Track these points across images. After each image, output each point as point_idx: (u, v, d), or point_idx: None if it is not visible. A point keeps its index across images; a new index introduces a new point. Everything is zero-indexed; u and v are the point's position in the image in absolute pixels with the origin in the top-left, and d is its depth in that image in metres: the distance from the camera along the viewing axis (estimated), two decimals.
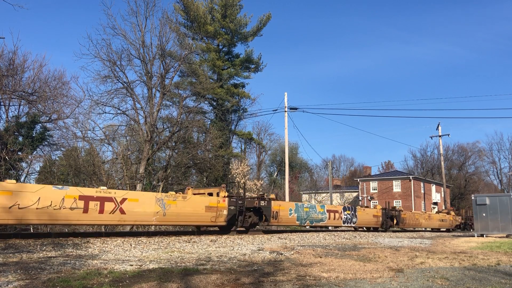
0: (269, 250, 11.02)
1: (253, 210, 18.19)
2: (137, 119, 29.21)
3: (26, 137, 23.95)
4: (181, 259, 8.70)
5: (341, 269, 7.88)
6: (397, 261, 9.41)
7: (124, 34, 28.17)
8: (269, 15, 44.15)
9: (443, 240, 19.76)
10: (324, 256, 10.14)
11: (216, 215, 16.33)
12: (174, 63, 31.05)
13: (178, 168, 32.28)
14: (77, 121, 28.16)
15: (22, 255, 8.58)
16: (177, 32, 34.10)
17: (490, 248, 13.93)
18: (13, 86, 24.16)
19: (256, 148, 54.02)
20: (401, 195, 60.01)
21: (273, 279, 6.57)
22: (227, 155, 40.24)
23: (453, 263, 9.33)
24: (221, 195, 16.97)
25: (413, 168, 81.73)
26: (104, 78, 27.25)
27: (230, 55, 45.19)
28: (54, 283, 5.63)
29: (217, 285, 6.03)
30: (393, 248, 13.04)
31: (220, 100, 41.64)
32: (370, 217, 26.66)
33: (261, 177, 51.64)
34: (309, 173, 67.61)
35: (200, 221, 16.48)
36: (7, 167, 21.51)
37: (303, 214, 20.86)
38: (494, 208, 22.81)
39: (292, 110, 35.04)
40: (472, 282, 6.93)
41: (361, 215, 25.59)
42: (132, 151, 31.80)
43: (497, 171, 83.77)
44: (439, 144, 51.01)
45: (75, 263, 7.51)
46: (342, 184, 78.83)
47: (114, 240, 12.52)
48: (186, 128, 31.79)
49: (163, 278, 6.25)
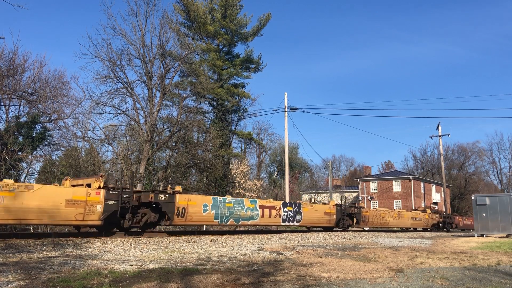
0: (269, 250, 11.02)
1: (150, 206, 15.27)
2: (137, 119, 29.23)
3: (26, 137, 23.95)
4: (181, 259, 8.70)
5: (341, 269, 7.88)
6: (397, 261, 9.41)
7: (124, 34, 28.20)
8: (269, 15, 44.16)
9: (443, 240, 19.77)
10: (324, 256, 10.13)
11: (85, 211, 12.99)
12: (174, 63, 31.09)
13: (178, 168, 32.28)
14: (77, 121, 28.20)
15: (22, 255, 8.58)
16: (177, 32, 34.11)
17: (490, 248, 13.93)
18: (13, 86, 24.17)
19: (256, 148, 54.04)
20: (401, 195, 60.02)
21: (273, 279, 6.56)
22: (227, 155, 40.23)
23: (453, 263, 9.33)
24: (94, 186, 13.64)
25: (413, 168, 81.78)
26: (104, 78, 27.28)
27: (230, 55, 45.19)
28: (54, 283, 5.63)
29: (217, 285, 6.03)
30: (393, 248, 13.03)
31: (220, 100, 41.64)
32: (320, 214, 23.22)
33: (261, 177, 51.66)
34: (309, 173, 67.61)
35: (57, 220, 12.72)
36: (7, 167, 21.52)
37: (225, 211, 17.55)
38: (494, 208, 22.82)
39: (292, 110, 35.03)
40: (472, 282, 6.92)
41: (308, 212, 22.15)
42: (132, 151, 31.80)
43: (497, 171, 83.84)
44: (439, 144, 51.02)
45: (75, 263, 7.51)
46: (342, 184, 78.79)
47: (114, 240, 12.52)
48: (186, 128, 31.79)
49: (163, 278, 6.25)
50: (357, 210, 25.86)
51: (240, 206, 18.43)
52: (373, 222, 27.55)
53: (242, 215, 18.35)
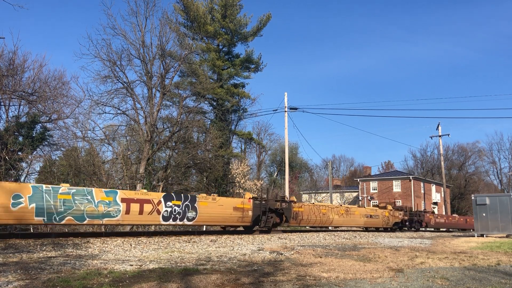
0: (269, 250, 11.02)
1: None
2: (137, 119, 29.23)
3: (26, 137, 23.95)
4: (181, 259, 8.70)
5: (341, 269, 7.88)
6: (397, 261, 9.41)
7: (124, 34, 28.18)
8: (269, 15, 44.17)
9: (443, 240, 19.78)
10: (324, 256, 10.14)
11: None
12: (174, 63, 31.08)
13: (178, 168, 32.28)
14: (77, 121, 28.17)
15: (22, 255, 8.58)
16: (177, 32, 34.10)
17: (490, 248, 13.93)
18: (13, 86, 24.16)
19: (256, 148, 54.06)
20: (401, 195, 60.05)
21: (273, 279, 6.56)
22: (227, 155, 40.23)
23: (453, 263, 9.33)
24: None
25: (413, 168, 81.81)
26: (104, 78, 27.27)
27: (230, 55, 45.20)
28: (54, 283, 5.63)
29: (217, 285, 6.03)
30: (393, 248, 13.03)
31: (220, 100, 41.64)
32: (228, 210, 18.11)
33: (261, 177, 51.70)
34: (309, 173, 67.63)
35: None
36: (7, 167, 21.52)
37: (57, 204, 12.70)
38: (494, 208, 22.82)
39: (292, 110, 35.06)
40: (472, 282, 6.92)
41: (207, 207, 17.22)
42: (132, 151, 31.81)
43: (497, 171, 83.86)
44: (439, 144, 51.06)
45: (75, 263, 7.51)
46: (342, 184, 78.82)
47: (114, 240, 12.52)
48: (186, 128, 31.80)
49: (163, 278, 6.25)
50: (285, 205, 21.07)
51: (85, 199, 13.55)
52: (309, 220, 22.84)
53: (90, 211, 13.49)
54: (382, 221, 29.50)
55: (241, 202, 18.98)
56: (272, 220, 20.32)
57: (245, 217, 18.91)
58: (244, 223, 19.35)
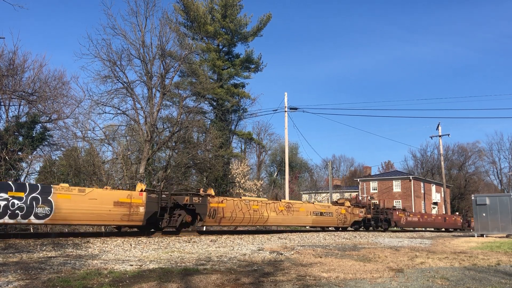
0: (269, 250, 11.02)
1: None
2: (137, 119, 29.22)
3: (26, 137, 23.95)
4: (181, 259, 8.70)
5: (341, 269, 7.88)
6: (397, 261, 9.41)
7: (124, 34, 28.18)
8: (269, 15, 44.16)
9: (443, 240, 19.78)
10: (324, 256, 10.13)
11: None
12: (174, 63, 31.07)
13: (178, 168, 32.28)
14: (77, 121, 28.17)
15: (22, 255, 8.58)
16: (177, 32, 34.10)
17: (490, 248, 13.93)
18: (13, 86, 24.16)
19: (256, 148, 54.07)
20: (401, 195, 60.05)
21: (273, 279, 6.56)
22: (227, 155, 40.22)
23: (453, 263, 9.33)
24: None
25: (413, 168, 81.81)
26: (104, 78, 27.27)
27: (230, 55, 45.20)
28: (54, 283, 5.63)
29: (217, 285, 6.03)
30: (393, 248, 13.03)
31: (220, 100, 41.64)
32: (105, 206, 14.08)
33: (261, 177, 51.70)
34: (309, 173, 67.64)
35: None
36: (7, 167, 21.51)
37: None
38: (494, 208, 22.83)
39: (292, 110, 35.08)
40: (472, 282, 6.92)
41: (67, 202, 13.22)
42: (132, 151, 31.80)
43: (497, 171, 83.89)
44: (439, 144, 51.05)
45: (75, 263, 7.51)
46: (342, 184, 78.81)
47: (114, 240, 12.52)
48: (186, 128, 31.79)
49: (163, 278, 6.25)
50: (198, 199, 16.92)
51: None
52: (234, 218, 18.63)
53: None
54: (337, 220, 25.39)
55: (127, 196, 14.87)
56: (180, 218, 16.63)
57: (133, 214, 14.84)
58: (132, 222, 15.20)
